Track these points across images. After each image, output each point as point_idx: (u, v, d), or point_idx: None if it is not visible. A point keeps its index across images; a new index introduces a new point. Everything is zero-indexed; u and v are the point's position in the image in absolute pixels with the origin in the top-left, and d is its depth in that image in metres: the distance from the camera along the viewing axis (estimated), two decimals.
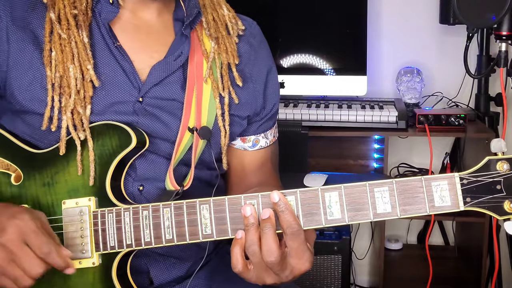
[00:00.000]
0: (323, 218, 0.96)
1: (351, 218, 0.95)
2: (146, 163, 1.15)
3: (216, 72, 1.19)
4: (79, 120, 1.09)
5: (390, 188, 0.94)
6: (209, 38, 1.20)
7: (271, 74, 1.30)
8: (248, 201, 0.98)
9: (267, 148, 1.32)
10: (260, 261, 0.94)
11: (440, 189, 0.93)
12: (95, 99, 1.11)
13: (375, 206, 0.94)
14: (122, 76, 1.13)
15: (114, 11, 1.14)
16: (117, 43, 1.13)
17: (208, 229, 0.99)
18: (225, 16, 1.24)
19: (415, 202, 0.93)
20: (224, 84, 1.19)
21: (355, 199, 0.95)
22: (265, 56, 1.29)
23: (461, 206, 0.92)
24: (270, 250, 0.93)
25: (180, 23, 1.19)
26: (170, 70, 1.15)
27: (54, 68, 1.09)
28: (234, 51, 1.21)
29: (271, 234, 0.94)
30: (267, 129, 1.32)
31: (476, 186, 0.92)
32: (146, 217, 1.02)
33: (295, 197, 0.96)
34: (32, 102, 1.10)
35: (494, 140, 0.92)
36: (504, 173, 0.91)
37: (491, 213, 0.92)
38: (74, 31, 1.10)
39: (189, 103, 1.16)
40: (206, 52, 1.19)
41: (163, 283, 1.19)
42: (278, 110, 1.34)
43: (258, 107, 1.27)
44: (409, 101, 2.53)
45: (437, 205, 0.93)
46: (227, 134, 1.22)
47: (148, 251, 1.14)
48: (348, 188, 0.95)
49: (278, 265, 0.94)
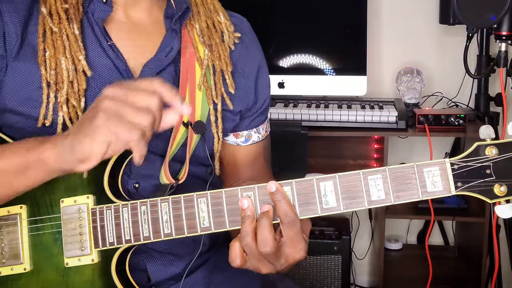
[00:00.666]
0: (318, 207, 0.97)
1: (346, 206, 0.96)
2: None
3: (210, 80, 1.21)
4: (74, 113, 1.09)
5: (383, 175, 0.96)
6: (202, 45, 1.21)
7: (262, 69, 1.31)
8: (244, 193, 0.99)
9: (259, 142, 1.33)
10: (254, 252, 0.96)
11: (431, 175, 0.95)
12: (89, 98, 1.11)
13: (369, 194, 0.96)
14: (116, 74, 1.14)
15: (107, 10, 1.15)
16: (111, 42, 1.14)
17: (206, 222, 1.00)
18: (221, 24, 1.25)
19: (408, 188, 0.95)
20: (217, 91, 1.21)
21: (350, 187, 0.96)
22: (256, 52, 1.31)
23: (453, 190, 0.94)
24: (265, 240, 0.94)
25: (170, 20, 1.20)
26: (161, 66, 1.17)
27: (48, 67, 1.10)
28: (227, 58, 1.23)
29: (267, 225, 0.95)
30: (259, 123, 1.33)
31: (467, 171, 0.94)
32: (144, 212, 1.03)
33: (291, 187, 0.98)
34: (24, 104, 1.10)
35: (483, 126, 0.95)
36: (493, 157, 0.94)
37: (482, 196, 0.94)
38: (65, 24, 1.11)
39: (182, 98, 1.17)
40: (200, 59, 1.20)
41: (161, 280, 1.19)
42: (269, 104, 1.36)
43: (250, 102, 1.28)
44: (409, 101, 2.54)
45: (430, 190, 0.95)
46: (220, 140, 1.23)
47: (146, 248, 1.14)
48: (343, 177, 0.97)
49: (273, 255, 0.95)
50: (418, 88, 2.54)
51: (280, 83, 2.54)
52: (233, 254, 0.98)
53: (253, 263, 0.98)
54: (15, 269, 1.08)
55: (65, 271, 1.06)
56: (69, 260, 1.06)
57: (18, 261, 1.08)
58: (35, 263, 1.07)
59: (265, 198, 0.98)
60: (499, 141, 0.94)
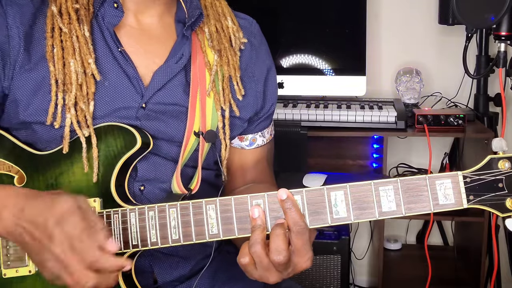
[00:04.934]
0: (329, 217, 0.96)
1: (356, 217, 0.96)
2: (147, 164, 1.15)
3: (219, 85, 1.19)
4: (82, 117, 1.08)
5: (395, 186, 0.95)
6: (211, 50, 1.20)
7: (270, 73, 1.30)
8: (254, 201, 0.98)
9: (263, 146, 1.33)
10: (263, 260, 0.95)
11: (444, 187, 0.94)
12: (98, 103, 1.10)
13: (380, 205, 0.95)
14: (125, 81, 1.12)
15: (118, 15, 1.13)
16: (121, 48, 1.12)
17: (214, 229, 1.00)
18: (229, 29, 1.23)
19: (420, 201, 0.95)
20: (225, 97, 1.20)
21: (361, 198, 0.96)
22: (265, 55, 1.30)
23: (465, 204, 0.94)
24: (278, 249, 0.94)
25: (181, 25, 1.18)
26: (172, 74, 1.15)
27: (56, 64, 1.08)
28: (236, 64, 1.22)
29: (282, 234, 0.94)
30: (264, 127, 1.32)
31: (479, 184, 0.94)
32: (152, 218, 1.02)
33: (301, 196, 0.97)
34: (36, 113, 1.09)
35: (496, 139, 0.94)
36: (506, 171, 0.93)
37: (494, 210, 0.94)
38: (75, 25, 1.09)
39: (193, 106, 1.16)
40: (209, 64, 1.19)
41: (167, 281, 1.19)
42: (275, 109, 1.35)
43: (258, 107, 1.27)
44: (408, 101, 2.54)
45: (441, 203, 0.94)
46: (228, 147, 1.22)
47: (152, 250, 1.13)
48: (354, 187, 0.96)
49: (284, 264, 0.95)
50: (418, 88, 2.54)
51: (279, 83, 2.54)
52: (243, 252, 0.97)
53: (260, 272, 0.97)
54: (20, 271, 1.07)
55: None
56: None
57: (23, 263, 1.07)
58: None
59: (274, 207, 0.97)
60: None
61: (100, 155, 1.07)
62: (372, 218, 0.95)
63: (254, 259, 0.96)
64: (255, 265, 0.96)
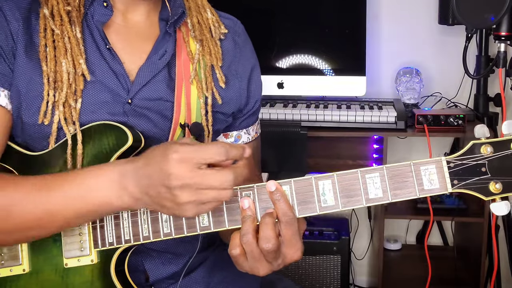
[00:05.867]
0: (317, 205, 0.98)
1: (344, 205, 0.97)
2: None
3: (201, 73, 1.21)
4: (69, 114, 1.09)
5: (381, 173, 0.97)
6: (194, 40, 1.22)
7: (254, 71, 1.32)
8: (244, 192, 0.99)
9: (249, 144, 1.33)
10: (254, 250, 0.96)
11: (428, 172, 0.96)
12: (85, 100, 1.11)
13: (367, 192, 0.97)
14: (112, 77, 1.13)
15: (107, 14, 1.15)
16: (109, 45, 1.14)
17: (205, 221, 1.01)
18: (208, 20, 1.26)
19: (405, 186, 0.96)
20: (207, 85, 1.21)
21: (348, 186, 0.97)
22: (249, 53, 1.32)
23: (449, 188, 0.96)
24: (267, 237, 0.95)
25: (165, 23, 1.20)
26: (157, 70, 1.17)
27: (49, 63, 1.10)
28: (217, 53, 1.24)
29: (270, 223, 0.96)
30: (249, 125, 1.33)
31: (462, 169, 0.96)
32: (144, 212, 1.03)
33: (290, 186, 0.99)
34: (34, 116, 1.10)
35: (478, 126, 0.96)
36: (488, 155, 0.95)
37: (478, 194, 0.96)
38: (67, 26, 1.11)
39: (178, 100, 1.17)
40: (191, 53, 1.21)
41: (159, 279, 1.20)
42: (260, 106, 1.36)
43: (242, 104, 1.29)
44: (408, 102, 2.54)
45: (426, 188, 0.96)
46: (210, 134, 1.23)
47: (144, 248, 1.14)
48: (341, 175, 0.98)
49: (273, 253, 0.96)
50: (417, 89, 2.55)
51: (279, 83, 2.54)
52: (234, 243, 0.98)
53: (251, 263, 0.98)
54: (14, 270, 1.08)
55: (64, 271, 1.06)
56: (69, 261, 1.06)
57: (17, 262, 1.08)
58: (34, 264, 1.07)
59: (264, 198, 0.99)
60: (494, 139, 0.96)
61: (91, 154, 1.08)
62: (360, 206, 0.97)
63: (245, 249, 0.97)
64: (245, 256, 0.97)
